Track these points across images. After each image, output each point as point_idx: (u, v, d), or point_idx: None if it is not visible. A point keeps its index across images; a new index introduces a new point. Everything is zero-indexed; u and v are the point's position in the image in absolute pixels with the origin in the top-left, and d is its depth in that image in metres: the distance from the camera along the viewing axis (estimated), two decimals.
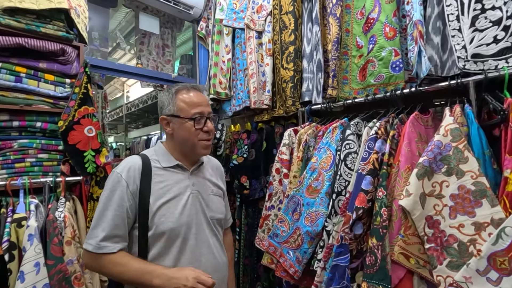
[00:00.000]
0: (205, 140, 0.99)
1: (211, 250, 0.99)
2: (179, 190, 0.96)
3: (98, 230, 0.87)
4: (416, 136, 1.04)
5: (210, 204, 1.03)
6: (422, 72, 1.07)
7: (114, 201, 0.89)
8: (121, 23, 3.74)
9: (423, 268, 0.90)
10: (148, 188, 0.92)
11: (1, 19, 1.28)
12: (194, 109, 0.97)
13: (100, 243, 0.86)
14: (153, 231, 0.90)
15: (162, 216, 0.91)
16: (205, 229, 0.99)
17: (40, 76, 1.41)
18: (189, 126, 0.96)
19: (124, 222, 0.89)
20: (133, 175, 0.92)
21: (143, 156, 0.99)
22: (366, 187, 0.99)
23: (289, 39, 1.61)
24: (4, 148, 1.34)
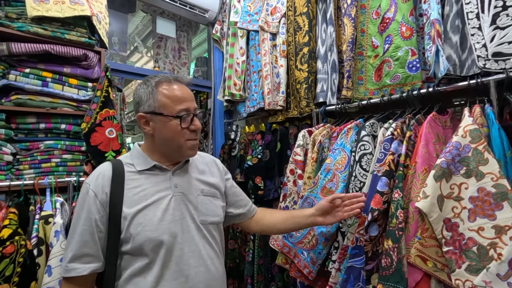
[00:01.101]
0: (192, 139, 0.88)
1: (202, 262, 0.85)
2: (157, 194, 0.84)
3: (68, 250, 0.78)
4: (433, 137, 1.02)
5: (200, 207, 0.90)
6: (440, 72, 1.05)
7: (82, 215, 0.79)
8: (138, 27, 3.85)
9: (440, 271, 0.88)
10: (120, 196, 0.81)
11: (30, 27, 1.36)
12: (179, 105, 0.85)
13: (68, 264, 0.76)
14: (130, 244, 0.78)
15: (139, 225, 0.79)
16: (195, 236, 0.85)
17: (64, 81, 1.48)
18: (174, 125, 0.84)
19: (94, 238, 0.78)
20: (101, 183, 0.81)
21: (115, 161, 0.88)
22: (382, 188, 0.98)
23: (303, 40, 1.62)
24: (32, 149, 1.42)
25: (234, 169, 1.97)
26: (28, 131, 1.43)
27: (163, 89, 0.86)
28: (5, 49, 1.30)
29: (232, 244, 1.92)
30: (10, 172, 1.36)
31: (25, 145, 1.41)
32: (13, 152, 1.37)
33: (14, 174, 1.37)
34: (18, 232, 1.04)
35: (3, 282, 0.97)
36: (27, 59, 1.40)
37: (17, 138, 1.40)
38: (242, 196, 1.10)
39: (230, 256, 1.92)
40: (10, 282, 0.98)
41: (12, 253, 1.00)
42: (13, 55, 1.34)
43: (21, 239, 1.03)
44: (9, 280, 0.98)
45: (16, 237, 1.02)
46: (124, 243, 0.79)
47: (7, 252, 0.99)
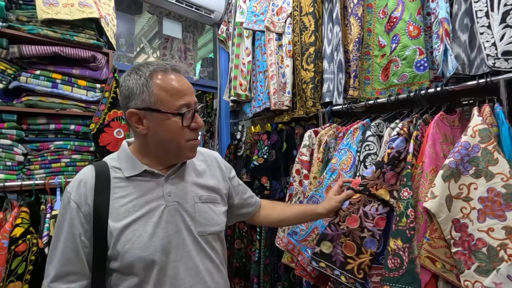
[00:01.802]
0: (193, 140, 0.77)
1: (200, 279, 0.76)
2: (148, 206, 0.74)
3: (50, 268, 0.70)
4: (441, 137, 1.01)
5: (198, 216, 0.79)
6: (448, 71, 1.04)
7: (64, 230, 0.70)
8: (144, 28, 3.88)
9: (449, 272, 0.88)
10: (106, 208, 0.70)
11: (40, 30, 1.38)
12: (179, 99, 0.73)
13: (50, 285, 0.68)
14: (118, 262, 0.70)
15: (127, 242, 0.69)
16: (191, 251, 0.76)
17: (73, 82, 1.51)
18: (173, 124, 0.73)
19: (79, 255, 0.69)
20: (84, 192, 0.71)
21: (100, 165, 0.77)
22: (366, 173, 1.02)
23: (309, 40, 1.62)
24: (42, 149, 1.45)
25: (240, 169, 1.98)
26: (39, 132, 1.45)
27: (159, 80, 0.73)
28: (16, 51, 1.33)
29: (238, 243, 1.93)
30: (22, 172, 1.39)
31: (35, 145, 1.44)
32: (24, 152, 1.39)
33: (25, 174, 1.40)
34: (30, 230, 1.07)
35: (15, 280, 1.00)
36: (37, 61, 1.43)
37: (28, 138, 1.42)
38: (249, 193, 1.02)
39: (237, 256, 1.93)
40: (23, 280, 1.01)
41: (24, 251, 1.02)
42: (24, 57, 1.37)
43: (33, 237, 1.05)
44: (22, 277, 1.01)
45: (28, 235, 1.05)
46: (111, 260, 0.71)
47: (19, 250, 1.01)
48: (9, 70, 1.37)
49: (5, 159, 1.33)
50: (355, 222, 0.99)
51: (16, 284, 0.99)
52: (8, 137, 1.33)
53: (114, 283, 0.72)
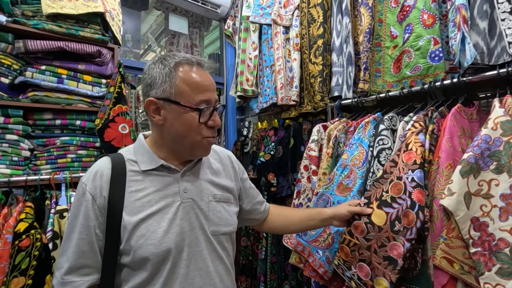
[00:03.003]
0: (210, 137, 0.75)
1: (210, 280, 0.75)
2: (164, 201, 0.73)
3: (63, 260, 0.69)
4: (458, 131, 0.96)
5: (211, 215, 0.78)
6: (466, 61, 0.98)
7: (79, 221, 0.69)
8: (152, 26, 3.89)
9: (468, 274, 0.82)
10: (121, 201, 0.70)
11: (45, 25, 1.38)
12: (200, 94, 0.71)
13: (64, 277, 0.67)
14: (130, 257, 0.68)
15: (141, 237, 0.68)
16: (203, 250, 0.75)
17: (79, 77, 1.50)
18: (191, 119, 0.72)
19: (93, 247, 0.69)
20: (99, 185, 0.70)
21: (116, 157, 0.75)
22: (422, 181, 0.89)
23: (318, 33, 1.57)
24: (48, 144, 1.44)
25: (246, 165, 1.94)
26: (45, 127, 1.45)
27: (183, 72, 0.72)
28: (21, 46, 1.33)
29: (245, 241, 1.90)
30: (28, 167, 1.39)
31: (42, 141, 1.43)
32: (30, 147, 1.39)
33: (31, 169, 1.39)
34: (34, 226, 1.06)
35: (19, 275, 0.99)
36: (43, 57, 1.42)
37: (34, 134, 1.42)
38: (259, 198, 1.00)
39: (243, 253, 1.90)
40: (26, 275, 1.00)
41: (28, 247, 1.01)
42: (29, 52, 1.36)
43: (37, 232, 1.04)
44: (25, 273, 1.00)
45: (32, 230, 1.04)
46: (123, 254, 0.70)
47: (23, 246, 1.00)
48: (15, 65, 1.36)
49: (12, 154, 1.33)
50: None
51: (20, 279, 0.98)
52: (14, 132, 1.33)
53: (124, 278, 0.70)
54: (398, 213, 0.87)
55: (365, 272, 0.90)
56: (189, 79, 0.72)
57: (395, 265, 0.84)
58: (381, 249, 0.88)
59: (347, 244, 0.95)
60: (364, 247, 0.91)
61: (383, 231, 0.88)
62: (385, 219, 0.88)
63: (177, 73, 0.72)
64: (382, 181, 0.94)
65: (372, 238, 0.89)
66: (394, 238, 0.86)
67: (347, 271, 0.95)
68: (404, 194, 0.88)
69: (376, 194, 0.93)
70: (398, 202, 0.88)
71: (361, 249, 0.92)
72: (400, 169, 0.92)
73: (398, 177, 0.91)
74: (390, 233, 0.86)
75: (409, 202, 0.86)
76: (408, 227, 0.84)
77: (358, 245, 0.92)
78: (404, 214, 0.86)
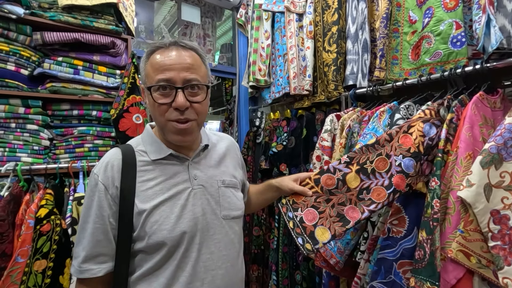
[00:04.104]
0: (174, 121, 0.72)
1: (221, 264, 0.77)
2: (175, 188, 0.75)
3: (79, 249, 0.71)
4: (480, 120, 0.91)
5: (222, 200, 0.80)
6: (491, 45, 0.92)
7: (93, 211, 0.70)
8: (166, 17, 3.91)
9: (485, 268, 0.79)
10: (132, 190, 0.71)
11: (61, 16, 1.40)
12: (160, 74, 0.70)
13: (81, 265, 0.69)
14: (144, 243, 0.70)
15: (154, 223, 0.70)
16: (215, 235, 0.77)
17: (94, 68, 1.53)
18: (151, 100, 0.72)
19: (108, 236, 0.70)
20: (111, 175, 0.72)
21: (125, 148, 0.77)
22: (407, 169, 0.88)
23: (332, 19, 1.52)
24: (66, 134, 1.49)
25: (259, 156, 1.94)
26: (63, 118, 1.50)
27: (151, 56, 0.73)
28: (39, 38, 1.36)
29: (257, 231, 1.92)
30: (48, 156, 1.45)
31: (60, 130, 1.49)
32: (50, 137, 1.44)
33: (51, 158, 1.45)
34: (53, 211, 1.10)
35: (41, 258, 1.04)
36: (59, 48, 1.46)
37: (53, 124, 1.47)
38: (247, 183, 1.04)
39: (255, 243, 1.92)
40: (47, 258, 1.05)
41: (48, 231, 1.06)
42: (46, 44, 1.40)
43: (57, 218, 1.09)
44: (47, 256, 1.05)
45: (52, 216, 1.08)
46: (137, 241, 0.72)
47: (44, 230, 1.05)
48: (34, 57, 1.40)
49: (32, 143, 1.39)
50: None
51: (42, 262, 1.04)
52: (34, 122, 1.38)
53: (138, 264, 0.73)
54: (371, 186, 0.89)
55: (312, 218, 0.90)
56: (152, 60, 0.72)
57: (346, 224, 0.86)
58: (339, 206, 0.89)
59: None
60: (325, 198, 0.91)
61: (350, 193, 0.90)
62: (357, 184, 0.90)
63: (149, 58, 0.74)
64: (371, 149, 0.93)
65: (336, 194, 0.91)
66: (356, 203, 0.88)
67: (291, 212, 0.92)
68: (386, 173, 0.88)
69: (360, 159, 0.92)
70: (377, 177, 0.89)
71: (320, 199, 0.91)
72: (392, 147, 0.91)
73: (387, 154, 0.91)
74: (354, 198, 0.89)
75: (386, 182, 0.87)
76: (376, 201, 0.86)
77: (318, 194, 0.91)
78: (376, 189, 0.88)
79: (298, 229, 0.89)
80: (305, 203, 0.92)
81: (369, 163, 0.91)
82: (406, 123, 0.94)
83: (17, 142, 1.36)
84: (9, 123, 1.34)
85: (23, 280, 1.00)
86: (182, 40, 0.75)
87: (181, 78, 0.71)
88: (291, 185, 0.91)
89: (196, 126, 0.77)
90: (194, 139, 0.81)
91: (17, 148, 1.36)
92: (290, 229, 0.89)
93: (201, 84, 0.74)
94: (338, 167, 0.93)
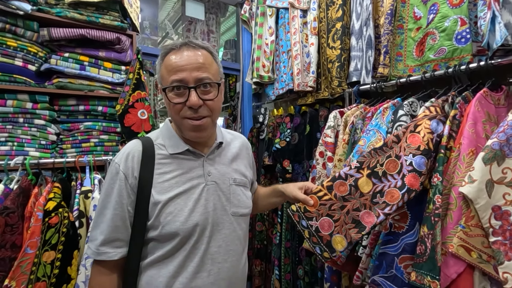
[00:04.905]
0: (189, 118, 0.76)
1: (228, 257, 0.80)
2: (190, 182, 0.78)
3: (97, 232, 0.75)
4: (483, 116, 0.91)
5: (232, 198, 0.84)
6: (495, 42, 0.92)
7: (112, 198, 0.74)
8: (170, 14, 3.91)
9: (486, 263, 0.80)
10: (150, 181, 0.75)
11: (67, 12, 1.42)
12: (173, 75, 0.73)
13: (99, 248, 0.74)
14: (157, 232, 0.74)
15: (169, 215, 0.74)
16: (223, 229, 0.81)
17: (100, 64, 1.54)
18: (167, 100, 0.76)
19: (126, 223, 0.75)
20: (131, 165, 0.76)
21: (146, 140, 0.81)
22: (420, 168, 0.88)
23: (336, 15, 1.52)
24: (73, 129, 1.51)
25: (262, 152, 1.95)
26: (69, 113, 1.52)
27: (165, 58, 0.77)
28: (46, 34, 1.38)
29: (260, 226, 1.94)
30: (55, 151, 1.47)
31: (67, 126, 1.51)
32: (56, 132, 1.47)
33: (58, 153, 1.48)
34: (61, 204, 1.13)
35: (50, 249, 1.07)
36: (66, 44, 1.47)
37: (60, 119, 1.50)
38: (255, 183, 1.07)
39: (258, 238, 1.94)
40: (56, 249, 1.08)
41: (57, 224, 1.08)
42: (53, 40, 1.42)
43: (64, 211, 1.11)
44: (55, 247, 1.08)
45: (60, 209, 1.11)
46: (151, 229, 0.75)
47: (52, 222, 1.08)
48: (41, 53, 1.42)
49: (40, 138, 1.41)
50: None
51: (51, 253, 1.06)
52: (41, 118, 1.41)
53: (149, 251, 0.77)
54: (384, 188, 0.89)
55: (327, 227, 0.90)
56: (166, 62, 0.76)
57: (362, 229, 0.87)
58: (353, 212, 0.89)
59: (320, 197, 0.93)
60: (339, 205, 0.91)
61: (363, 198, 0.90)
62: (370, 188, 0.90)
63: (162, 61, 0.77)
64: (380, 152, 0.93)
65: (350, 200, 0.91)
66: (370, 208, 0.88)
67: (305, 220, 0.92)
68: (398, 174, 0.88)
69: (370, 163, 0.93)
70: (389, 179, 0.89)
71: (334, 206, 0.91)
72: (401, 148, 0.91)
73: (397, 155, 0.91)
74: (368, 202, 0.89)
75: (399, 183, 0.87)
76: (390, 203, 0.86)
77: (332, 202, 0.91)
78: (389, 191, 0.88)
79: (315, 239, 0.90)
80: (319, 212, 0.92)
81: (380, 166, 0.91)
82: (411, 122, 0.94)
83: (25, 137, 1.38)
84: (17, 118, 1.37)
85: (32, 271, 1.03)
86: (192, 40, 0.78)
87: (193, 78, 0.74)
88: (295, 192, 0.92)
89: (211, 123, 0.80)
90: (209, 135, 0.84)
91: (25, 143, 1.38)
92: (306, 238, 0.90)
93: (213, 82, 0.77)
94: (349, 172, 0.93)
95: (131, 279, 0.76)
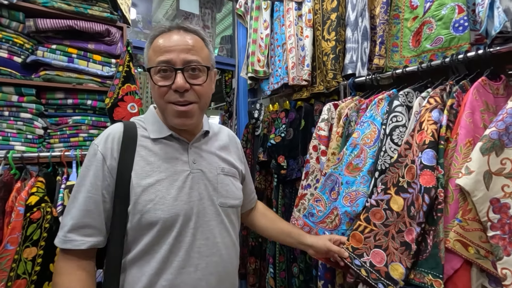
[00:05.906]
0: (174, 103, 0.71)
1: (216, 251, 0.75)
2: (173, 168, 0.73)
3: (67, 218, 0.68)
4: (481, 105, 0.87)
5: (220, 187, 0.79)
6: (494, 28, 0.88)
7: (87, 180, 0.68)
8: (168, 12, 3.88)
9: (484, 258, 0.76)
10: (130, 164, 0.70)
11: (54, 3, 1.38)
12: (160, 56, 0.69)
13: (66, 234, 0.66)
14: (136, 221, 0.68)
15: (149, 202, 0.68)
16: (211, 221, 0.75)
17: (89, 57, 1.50)
18: (152, 82, 0.71)
19: (99, 208, 0.68)
20: (111, 146, 0.70)
21: (128, 123, 0.76)
22: (431, 162, 0.83)
23: (331, 6, 1.48)
24: (61, 123, 1.47)
25: (257, 149, 1.92)
26: (57, 107, 1.48)
27: (153, 40, 0.73)
28: (32, 25, 1.34)
29: None
30: (42, 145, 1.43)
31: (54, 120, 1.47)
32: (44, 126, 1.43)
33: (45, 147, 1.43)
34: (44, 199, 1.09)
35: (31, 245, 1.03)
36: (53, 36, 1.43)
37: (47, 113, 1.45)
38: (251, 186, 1.04)
39: (253, 235, 1.90)
40: (38, 246, 1.04)
41: (39, 219, 1.04)
42: (40, 31, 1.38)
43: (47, 206, 1.08)
44: (37, 243, 1.04)
45: (42, 204, 1.07)
46: (131, 217, 0.69)
47: (34, 218, 1.04)
48: (27, 45, 1.38)
49: (26, 132, 1.37)
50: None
51: (32, 249, 1.02)
52: (28, 111, 1.36)
53: (130, 245, 0.70)
54: (413, 198, 0.85)
55: (380, 258, 0.88)
56: (154, 44, 0.72)
57: (410, 250, 0.83)
58: (398, 234, 0.86)
59: (362, 231, 0.92)
60: (382, 233, 0.89)
61: (401, 217, 0.87)
62: (402, 204, 0.87)
63: (150, 43, 0.74)
64: (398, 165, 0.91)
65: (390, 224, 0.88)
66: (410, 224, 0.84)
67: (357, 259, 0.91)
68: (416, 178, 0.85)
69: (393, 180, 0.90)
70: (413, 186, 0.86)
71: (378, 235, 0.89)
72: (413, 151, 0.88)
73: (412, 160, 0.88)
74: (407, 219, 0.85)
75: (418, 186, 0.83)
76: (418, 210, 0.82)
77: (375, 232, 0.90)
78: (416, 198, 0.84)
79: (373, 275, 0.87)
80: (367, 245, 0.90)
81: (402, 178, 0.89)
82: (416, 123, 0.92)
83: (10, 131, 1.34)
84: (2, 111, 1.32)
85: (12, 267, 0.99)
86: (184, 23, 0.74)
87: (180, 59, 0.69)
88: (328, 244, 0.93)
89: (197, 110, 0.75)
90: (196, 123, 0.78)
91: (11, 137, 1.34)
92: (365, 277, 0.87)
93: (202, 65, 0.72)
94: (378, 198, 0.91)
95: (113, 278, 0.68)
